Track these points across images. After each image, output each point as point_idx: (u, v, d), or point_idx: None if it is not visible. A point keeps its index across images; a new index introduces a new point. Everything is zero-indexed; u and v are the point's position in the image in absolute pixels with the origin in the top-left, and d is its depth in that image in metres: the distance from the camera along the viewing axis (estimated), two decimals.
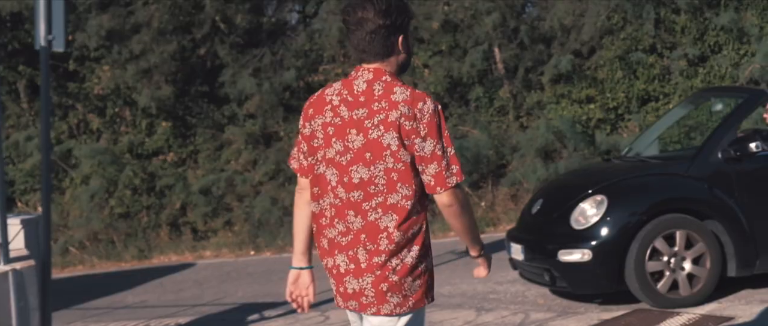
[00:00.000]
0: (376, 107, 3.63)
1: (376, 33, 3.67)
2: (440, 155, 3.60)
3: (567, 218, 8.07)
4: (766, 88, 9.70)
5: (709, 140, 8.28)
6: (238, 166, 15.75)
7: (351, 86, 3.72)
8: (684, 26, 14.77)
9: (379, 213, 3.65)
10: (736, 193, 8.02)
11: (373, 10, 3.65)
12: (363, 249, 3.68)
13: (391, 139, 3.60)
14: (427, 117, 3.59)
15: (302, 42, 15.63)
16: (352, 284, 3.73)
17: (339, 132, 3.69)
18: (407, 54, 3.78)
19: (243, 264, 13.51)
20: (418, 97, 3.63)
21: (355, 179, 3.67)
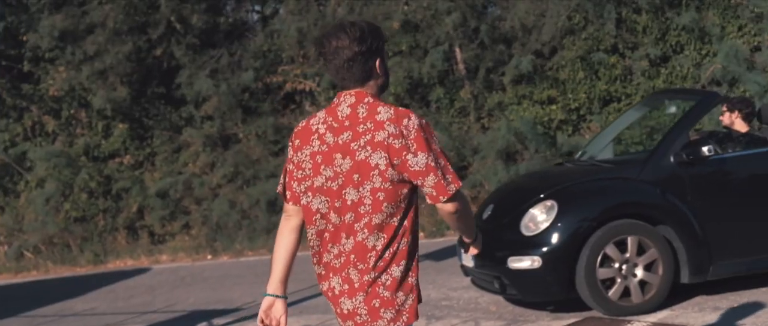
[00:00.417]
0: (361, 129, 3.68)
1: (353, 60, 3.71)
2: (434, 166, 3.65)
3: (517, 224, 7.89)
4: (719, 91, 9.53)
5: (661, 144, 8.11)
6: (196, 169, 15.50)
7: (335, 113, 3.77)
8: (645, 26, 14.63)
9: (365, 234, 3.70)
10: (689, 198, 7.86)
11: (347, 39, 3.70)
12: (354, 269, 3.73)
13: (379, 159, 3.65)
14: (414, 132, 3.64)
15: (260, 42, 15.38)
16: (347, 304, 3.77)
17: (327, 159, 3.74)
18: (385, 75, 3.83)
19: (199, 268, 13.29)
20: (402, 114, 3.69)
21: (348, 201, 3.71)
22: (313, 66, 15.40)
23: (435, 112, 15.22)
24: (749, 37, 14.43)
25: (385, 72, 3.82)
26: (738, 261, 7.93)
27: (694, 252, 7.81)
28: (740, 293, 8.08)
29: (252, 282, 11.49)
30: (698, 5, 14.55)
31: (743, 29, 14.45)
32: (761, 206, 7.99)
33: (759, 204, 7.99)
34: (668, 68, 14.66)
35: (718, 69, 14.12)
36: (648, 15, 14.55)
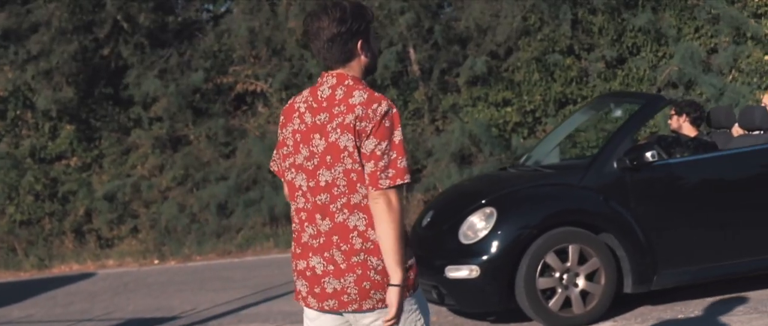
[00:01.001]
0: (336, 111, 3.73)
1: (333, 41, 3.77)
2: (379, 155, 3.65)
3: (455, 232, 7.61)
4: (667, 94, 9.31)
5: (603, 149, 7.87)
6: (145, 171, 15.15)
7: (316, 93, 3.84)
8: (601, 27, 14.40)
9: (346, 214, 3.73)
10: (633, 205, 7.62)
11: (327, 19, 3.76)
12: (337, 250, 3.75)
13: (347, 141, 3.69)
14: (378, 117, 3.67)
15: (211, 42, 15.05)
16: (333, 284, 3.77)
17: (305, 138, 3.81)
18: (371, 56, 3.86)
19: (144, 274, 12.97)
20: (375, 99, 3.73)
21: (322, 182, 3.76)
22: (265, 66, 15.09)
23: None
24: (706, 39, 14.25)
25: (371, 53, 3.85)
26: (683, 270, 7.70)
27: (638, 261, 7.58)
28: (686, 303, 7.86)
29: (196, 289, 11.20)
30: (654, 6, 14.34)
31: (700, 31, 14.25)
32: (707, 213, 7.77)
33: (705, 212, 7.77)
34: (625, 70, 14.45)
35: (675, 71, 13.92)
36: (604, 16, 14.33)
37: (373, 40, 3.91)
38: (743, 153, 7.94)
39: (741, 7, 14.08)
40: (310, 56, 14.94)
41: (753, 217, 7.82)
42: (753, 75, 13.87)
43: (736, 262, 7.79)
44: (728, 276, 7.87)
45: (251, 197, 14.44)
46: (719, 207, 7.77)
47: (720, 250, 7.76)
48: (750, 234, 7.80)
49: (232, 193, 14.47)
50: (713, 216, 7.76)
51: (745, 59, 13.94)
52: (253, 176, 14.73)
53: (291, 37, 14.72)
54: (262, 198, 14.36)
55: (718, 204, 7.78)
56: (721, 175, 7.92)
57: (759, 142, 8.12)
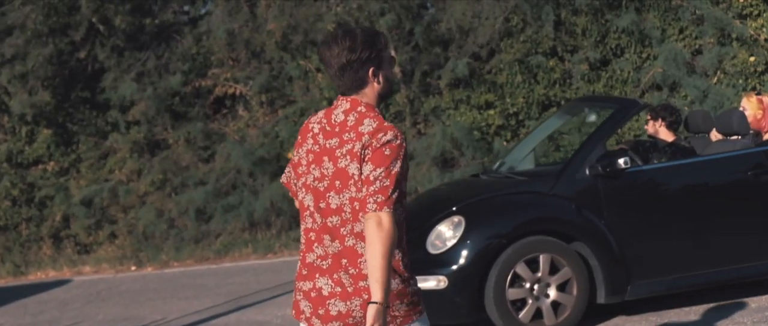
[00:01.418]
0: (346, 137, 3.79)
1: (344, 69, 3.81)
2: (371, 180, 3.69)
3: (423, 241, 7.40)
4: (639, 99, 9.10)
5: (575, 155, 7.66)
6: (123, 176, 14.92)
7: (330, 116, 3.89)
8: (585, 29, 14.17)
9: (354, 240, 3.79)
10: (606, 213, 7.42)
11: (337, 48, 3.81)
12: (346, 273, 3.80)
13: (354, 169, 3.75)
14: (380, 144, 3.72)
15: (189, 45, 14.82)
16: (338, 306, 3.82)
17: (317, 159, 3.87)
18: (385, 83, 3.88)
19: (119, 281, 12.74)
20: (382, 129, 3.76)
21: (332, 205, 3.82)
22: (244, 69, 14.86)
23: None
24: (690, 40, 14.03)
25: (386, 79, 3.88)
26: (658, 280, 7.51)
27: (611, 271, 7.38)
28: (660, 313, 7.68)
29: (168, 297, 10.99)
30: (638, 7, 14.12)
31: (684, 32, 14.03)
32: (682, 221, 7.57)
33: (680, 219, 7.56)
34: (608, 72, 14.23)
35: (659, 73, 13.71)
36: (587, 17, 14.10)
37: (387, 66, 3.91)
38: (719, 159, 7.74)
39: (726, 8, 13.86)
40: (290, 59, 14.72)
41: (729, 225, 7.63)
42: (738, 77, 13.65)
43: (712, 271, 7.60)
44: (704, 286, 7.69)
45: (230, 202, 14.22)
46: (695, 215, 7.58)
47: (695, 259, 7.57)
48: (726, 242, 7.61)
49: (210, 198, 14.25)
50: (688, 224, 7.57)
51: (730, 61, 13.73)
52: (232, 181, 14.52)
53: (270, 39, 14.49)
54: (241, 204, 14.15)
55: (693, 212, 7.58)
56: (696, 182, 7.72)
57: (736, 147, 7.91)
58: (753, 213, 7.67)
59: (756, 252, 7.65)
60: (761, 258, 7.66)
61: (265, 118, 14.91)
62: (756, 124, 8.30)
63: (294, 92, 14.74)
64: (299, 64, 14.66)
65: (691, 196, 7.65)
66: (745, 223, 7.66)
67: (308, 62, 14.66)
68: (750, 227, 7.66)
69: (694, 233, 7.56)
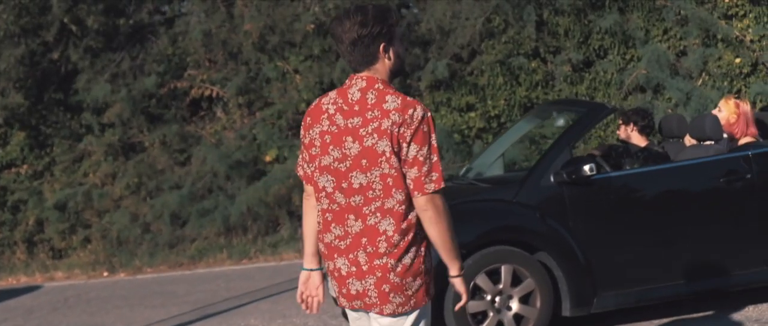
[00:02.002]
0: (369, 116, 3.81)
1: (355, 44, 3.85)
2: (422, 161, 3.75)
3: None
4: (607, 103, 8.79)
5: (540, 162, 7.35)
6: (97, 179, 14.61)
7: (345, 95, 3.90)
8: (567, 29, 13.86)
9: (378, 217, 3.83)
10: (571, 221, 7.12)
11: (349, 23, 3.85)
12: (363, 252, 3.86)
13: (384, 146, 3.77)
14: (415, 123, 3.77)
15: (164, 45, 14.51)
16: (356, 285, 3.90)
17: (336, 140, 3.86)
18: (396, 59, 3.93)
19: (89, 288, 12.45)
20: (409, 104, 3.81)
21: (355, 184, 3.84)
22: (221, 71, 14.56)
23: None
24: (675, 41, 13.72)
25: (396, 55, 3.92)
26: (625, 291, 7.21)
27: (577, 283, 7.08)
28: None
29: (135, 305, 10.72)
30: (622, 7, 13.81)
31: (669, 33, 13.72)
32: (651, 230, 7.26)
33: (648, 228, 7.26)
34: (591, 73, 13.92)
35: (643, 74, 13.39)
36: (570, 17, 13.79)
37: (398, 43, 3.96)
38: (690, 165, 7.43)
39: (711, 8, 13.55)
40: (268, 60, 14.43)
41: (700, 234, 7.33)
42: (724, 78, 13.34)
43: (683, 283, 7.30)
44: (674, 298, 7.39)
45: (205, 206, 13.91)
46: (665, 224, 7.28)
47: (665, 270, 7.27)
48: (697, 252, 7.31)
49: (185, 202, 13.95)
50: (658, 233, 7.26)
51: (715, 62, 13.42)
52: (208, 185, 14.21)
53: (247, 40, 14.19)
54: (216, 208, 13.84)
55: (663, 221, 7.28)
56: (666, 189, 7.41)
57: (709, 153, 7.61)
58: (726, 222, 7.38)
59: (728, 262, 7.36)
60: (734, 269, 7.37)
61: (242, 120, 14.61)
62: (728, 127, 8.02)
63: (272, 94, 14.44)
64: (277, 65, 14.37)
65: (661, 204, 7.35)
66: (718, 232, 7.36)
67: (286, 63, 14.37)
68: (722, 236, 7.36)
69: (664, 242, 7.26)
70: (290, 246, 13.32)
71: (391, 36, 3.91)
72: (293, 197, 13.87)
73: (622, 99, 13.67)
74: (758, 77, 13.31)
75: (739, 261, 7.38)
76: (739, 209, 7.36)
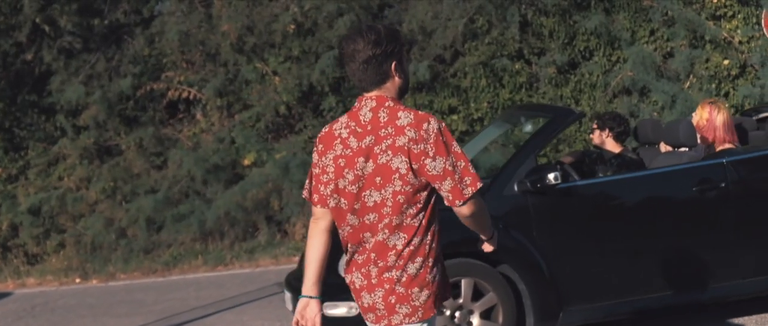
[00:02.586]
0: (383, 133, 3.81)
1: (368, 62, 3.85)
2: (451, 170, 3.77)
3: (335, 263, 6.76)
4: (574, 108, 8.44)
5: (503, 170, 7.00)
6: (71, 183, 14.28)
7: (357, 117, 3.91)
8: (552, 30, 13.49)
9: (386, 234, 3.85)
10: (535, 232, 6.78)
11: (362, 42, 3.85)
12: (374, 266, 3.90)
13: (399, 163, 3.79)
14: (433, 136, 3.77)
15: (140, 46, 14.18)
16: (367, 299, 3.95)
17: (350, 162, 3.88)
18: (404, 78, 3.95)
19: (59, 295, 12.15)
20: (422, 118, 3.82)
21: (369, 203, 3.86)
22: (198, 72, 14.22)
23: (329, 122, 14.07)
24: (662, 43, 13.35)
25: (404, 74, 3.96)
26: (593, 306, 6.88)
27: (541, 296, 6.74)
28: None
29: (100, 314, 10.42)
30: (607, 8, 13.45)
31: (656, 34, 13.36)
32: (619, 242, 6.92)
33: (616, 240, 6.91)
34: (577, 75, 13.57)
35: (629, 77, 13.03)
36: (554, 18, 13.43)
37: (406, 62, 4.00)
38: (661, 173, 7.07)
39: (699, 9, 13.19)
40: (246, 62, 14.09)
41: (671, 246, 6.97)
42: (712, 81, 12.98)
43: (652, 297, 6.95)
44: (644, 313, 7.02)
45: (181, 211, 13.57)
46: (634, 235, 6.92)
47: (634, 283, 6.93)
48: (668, 265, 6.96)
49: (161, 207, 13.61)
50: (627, 244, 6.92)
51: (703, 64, 13.05)
52: (184, 189, 13.88)
53: (225, 40, 13.85)
54: (192, 213, 13.50)
55: (632, 231, 6.92)
56: (635, 199, 7.05)
57: (683, 160, 7.26)
58: (699, 233, 7.02)
59: (702, 276, 7.01)
60: (708, 282, 7.02)
61: (220, 123, 14.28)
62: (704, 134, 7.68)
63: (251, 96, 14.10)
64: (255, 66, 14.03)
65: (631, 214, 7.00)
66: (691, 244, 7.01)
67: (265, 65, 14.03)
68: (696, 248, 7.01)
69: (633, 254, 6.91)
70: (267, 252, 13.00)
71: (401, 55, 3.95)
72: (272, 202, 13.54)
73: (607, 102, 13.31)
74: (747, 79, 12.94)
75: (714, 274, 7.03)
76: (713, 219, 7.00)
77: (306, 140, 13.94)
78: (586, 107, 13.24)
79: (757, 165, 7.18)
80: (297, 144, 13.85)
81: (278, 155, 13.65)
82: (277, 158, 13.48)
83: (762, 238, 7.06)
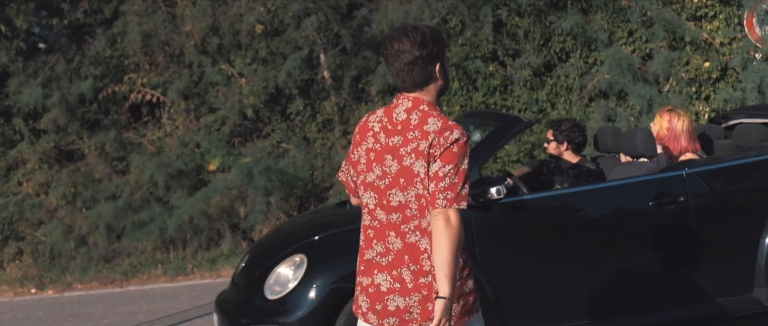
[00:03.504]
0: (410, 136, 3.86)
1: (413, 64, 3.86)
2: (441, 176, 3.77)
3: (261, 284, 6.27)
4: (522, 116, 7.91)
5: None
6: (30, 189, 13.78)
7: (391, 114, 3.96)
8: (527, 31, 12.95)
9: (417, 236, 3.86)
10: (477, 250, 6.26)
11: (409, 43, 3.86)
12: (407, 269, 3.87)
13: (420, 167, 3.82)
14: (448, 143, 3.79)
15: (102, 47, 13.67)
16: (397, 301, 3.88)
17: (378, 157, 3.93)
18: (445, 81, 3.97)
19: (13, 306, 11.67)
20: (448, 127, 3.83)
21: (394, 202, 3.88)
22: (162, 74, 13.71)
23: (299, 127, 13.57)
24: (640, 44, 12.80)
25: (445, 76, 3.97)
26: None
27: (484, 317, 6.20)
28: None
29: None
30: (585, 8, 12.91)
31: (634, 35, 12.81)
32: (569, 260, 6.40)
33: (567, 258, 6.39)
34: (553, 78, 13.04)
35: (605, 79, 12.49)
36: (529, 18, 12.89)
37: (447, 63, 4.01)
38: (614, 187, 6.54)
39: (679, 9, 12.64)
40: (210, 64, 13.57)
41: (625, 265, 6.44)
42: (692, 84, 12.44)
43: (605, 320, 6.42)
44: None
45: (142, 218, 13.05)
46: (585, 253, 6.41)
47: (585, 305, 6.40)
48: (622, 285, 6.44)
49: (121, 214, 13.09)
50: (576, 263, 6.40)
51: (683, 66, 12.51)
52: (146, 195, 13.36)
53: (189, 41, 13.33)
54: (153, 220, 12.98)
55: (582, 250, 6.41)
56: (586, 214, 6.53)
57: (640, 172, 6.74)
58: (656, 251, 6.50)
59: (659, 297, 6.49)
60: (665, 304, 6.49)
61: (185, 126, 13.77)
62: (660, 142, 7.17)
63: (217, 99, 13.59)
64: (221, 68, 13.52)
65: (582, 231, 6.47)
66: (646, 263, 6.48)
67: (230, 66, 13.52)
68: (652, 267, 6.49)
69: (584, 274, 6.39)
70: (229, 261, 12.48)
71: (444, 57, 3.96)
72: (237, 208, 13.04)
73: (584, 105, 12.79)
74: (728, 82, 12.40)
75: (672, 296, 6.51)
76: (671, 236, 6.48)
77: (273, 145, 13.43)
78: (563, 111, 12.71)
79: (720, 178, 6.66)
80: (264, 148, 13.35)
81: (245, 160, 13.15)
82: (243, 163, 12.98)
83: (724, 257, 6.54)
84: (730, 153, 7.20)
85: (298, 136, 13.52)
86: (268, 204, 12.64)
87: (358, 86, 13.44)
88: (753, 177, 6.66)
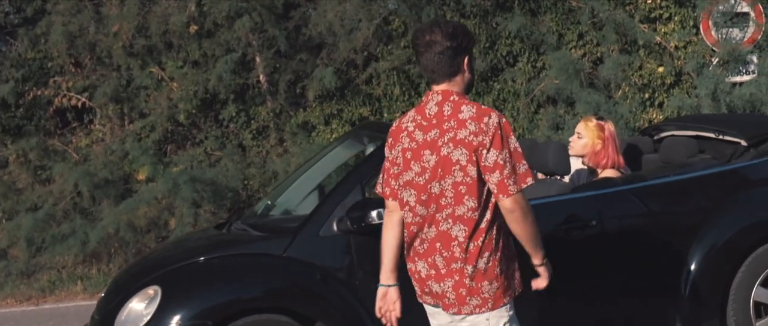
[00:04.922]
0: (446, 127, 3.97)
1: (443, 54, 4.02)
2: (502, 164, 3.90)
3: (112, 321, 5.50)
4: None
5: (319, 206, 5.71)
6: None
7: (423, 111, 4.10)
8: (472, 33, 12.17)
9: (449, 224, 4.00)
10: (359, 282, 5.50)
11: (440, 34, 4.02)
12: (440, 256, 4.06)
13: (460, 155, 3.93)
14: (492, 129, 3.91)
15: (23, 49, 12.87)
16: (435, 287, 4.11)
17: (416, 155, 4.06)
18: (472, 74, 4.12)
19: None
20: (484, 112, 3.98)
21: (434, 194, 4.01)
22: (88, 78, 12.91)
23: (233, 134, 12.79)
24: (591, 47, 12.05)
25: (472, 70, 4.12)
26: None
27: None
28: None
29: None
30: (533, 9, 12.15)
31: (584, 38, 12.05)
32: None
33: None
34: (500, 83, 12.28)
35: (553, 84, 11.73)
36: (475, 20, 12.13)
37: (473, 59, 4.12)
38: None
39: (632, 10, 11.89)
40: (139, 67, 12.77)
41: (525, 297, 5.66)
42: (645, 90, 11.69)
43: None
44: None
45: (63, 231, 12.25)
46: None
47: None
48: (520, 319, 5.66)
49: (41, 226, 12.28)
50: None
51: (636, 71, 11.76)
52: (69, 206, 12.56)
53: (117, 42, 12.53)
54: (74, 233, 12.17)
55: None
56: None
57: (551, 192, 5.98)
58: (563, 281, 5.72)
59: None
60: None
61: (113, 133, 12.97)
62: (593, 157, 6.42)
63: (147, 104, 12.80)
64: (151, 71, 12.73)
65: None
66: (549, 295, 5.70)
67: (160, 69, 12.73)
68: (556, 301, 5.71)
69: None
70: None
71: (471, 51, 4.09)
72: (166, 220, 12.25)
73: (533, 112, 12.04)
74: (682, 88, 11.66)
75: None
76: (580, 265, 5.72)
77: (206, 152, 12.66)
78: (510, 118, 11.96)
79: (640, 198, 5.90)
80: (196, 156, 12.58)
81: (176, 169, 12.38)
82: (174, 172, 12.21)
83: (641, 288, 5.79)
84: (654, 169, 6.45)
85: (233, 143, 12.76)
86: (197, 217, 11.87)
87: (296, 90, 12.66)
88: (675, 199, 5.90)
